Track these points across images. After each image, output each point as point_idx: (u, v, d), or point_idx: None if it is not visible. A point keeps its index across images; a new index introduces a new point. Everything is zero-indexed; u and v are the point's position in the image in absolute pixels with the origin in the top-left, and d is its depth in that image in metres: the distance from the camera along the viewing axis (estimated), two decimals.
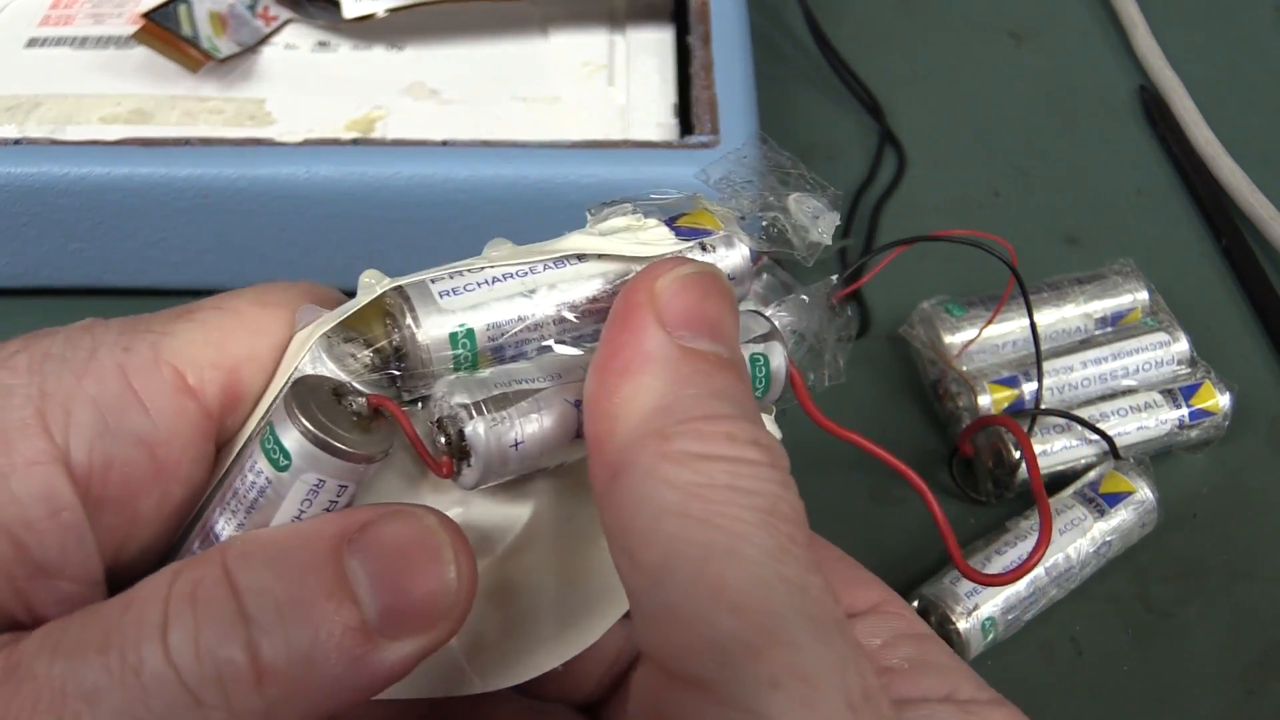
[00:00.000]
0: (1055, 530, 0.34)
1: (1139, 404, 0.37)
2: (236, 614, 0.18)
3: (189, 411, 0.20)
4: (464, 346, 0.21)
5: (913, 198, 0.46)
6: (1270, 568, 0.36)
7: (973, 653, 0.33)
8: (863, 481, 0.37)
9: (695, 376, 0.19)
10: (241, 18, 0.43)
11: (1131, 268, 0.40)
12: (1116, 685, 0.33)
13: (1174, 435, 0.37)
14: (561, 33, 0.44)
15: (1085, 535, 0.34)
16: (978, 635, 0.32)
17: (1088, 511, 0.35)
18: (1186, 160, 0.48)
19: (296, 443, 0.19)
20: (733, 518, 0.18)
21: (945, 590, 0.33)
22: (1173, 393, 0.38)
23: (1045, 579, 0.34)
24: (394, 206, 0.37)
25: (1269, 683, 0.33)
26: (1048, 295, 0.40)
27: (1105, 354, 0.39)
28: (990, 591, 0.33)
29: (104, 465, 0.19)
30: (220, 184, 0.37)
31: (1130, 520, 0.35)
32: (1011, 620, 0.33)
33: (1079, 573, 0.34)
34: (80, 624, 0.18)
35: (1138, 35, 0.52)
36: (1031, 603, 0.33)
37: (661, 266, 0.21)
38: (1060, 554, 0.34)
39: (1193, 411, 0.37)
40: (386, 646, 0.19)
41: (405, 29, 0.43)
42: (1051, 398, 0.38)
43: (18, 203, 0.37)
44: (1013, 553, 0.34)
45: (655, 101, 0.41)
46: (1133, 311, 0.40)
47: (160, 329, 0.20)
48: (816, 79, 0.50)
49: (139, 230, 0.38)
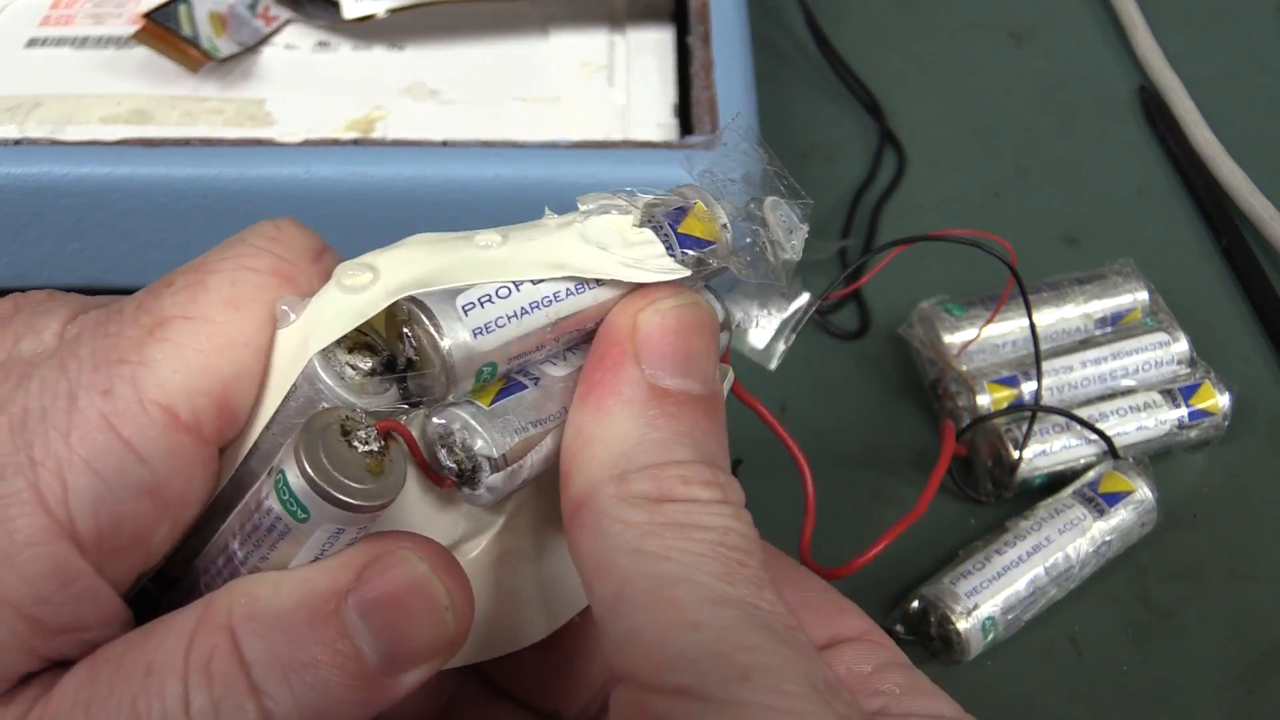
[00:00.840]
0: (1055, 529, 0.34)
1: (1138, 404, 0.37)
2: (248, 687, 0.19)
3: (186, 448, 0.20)
4: (485, 376, 0.21)
5: (913, 198, 0.46)
6: (1270, 568, 0.36)
7: (973, 652, 0.33)
8: (863, 481, 0.38)
9: (661, 419, 0.20)
10: (241, 18, 0.43)
11: (1131, 268, 0.40)
12: (1116, 685, 0.33)
13: (1173, 435, 0.37)
14: (561, 33, 0.44)
15: (1085, 535, 0.34)
16: (978, 635, 0.33)
17: (1087, 511, 0.35)
18: (1186, 160, 0.48)
19: (314, 502, 0.19)
20: (683, 550, 0.19)
21: (945, 590, 0.33)
22: (1172, 393, 0.38)
23: (1045, 578, 0.34)
24: (394, 206, 0.37)
25: (1269, 683, 0.33)
26: (1047, 295, 0.40)
27: (1105, 354, 0.39)
28: (990, 591, 0.33)
29: (112, 525, 0.19)
30: (220, 184, 0.37)
31: (1130, 520, 0.35)
32: (1011, 620, 0.33)
33: (1079, 572, 0.34)
34: (107, 688, 0.19)
35: (1138, 35, 0.52)
36: (1031, 602, 0.33)
37: (646, 296, 0.21)
38: (1060, 553, 0.34)
39: (1192, 412, 0.37)
40: (391, 683, 0.20)
41: (405, 29, 0.43)
42: (1051, 397, 0.38)
43: (18, 203, 0.37)
44: (1012, 552, 0.34)
45: (655, 101, 0.41)
46: (1132, 311, 0.40)
47: (135, 358, 0.20)
48: (816, 79, 0.50)
49: (139, 230, 0.38)
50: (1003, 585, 0.33)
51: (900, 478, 0.38)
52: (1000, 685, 0.33)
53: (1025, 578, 0.33)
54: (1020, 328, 0.39)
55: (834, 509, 0.37)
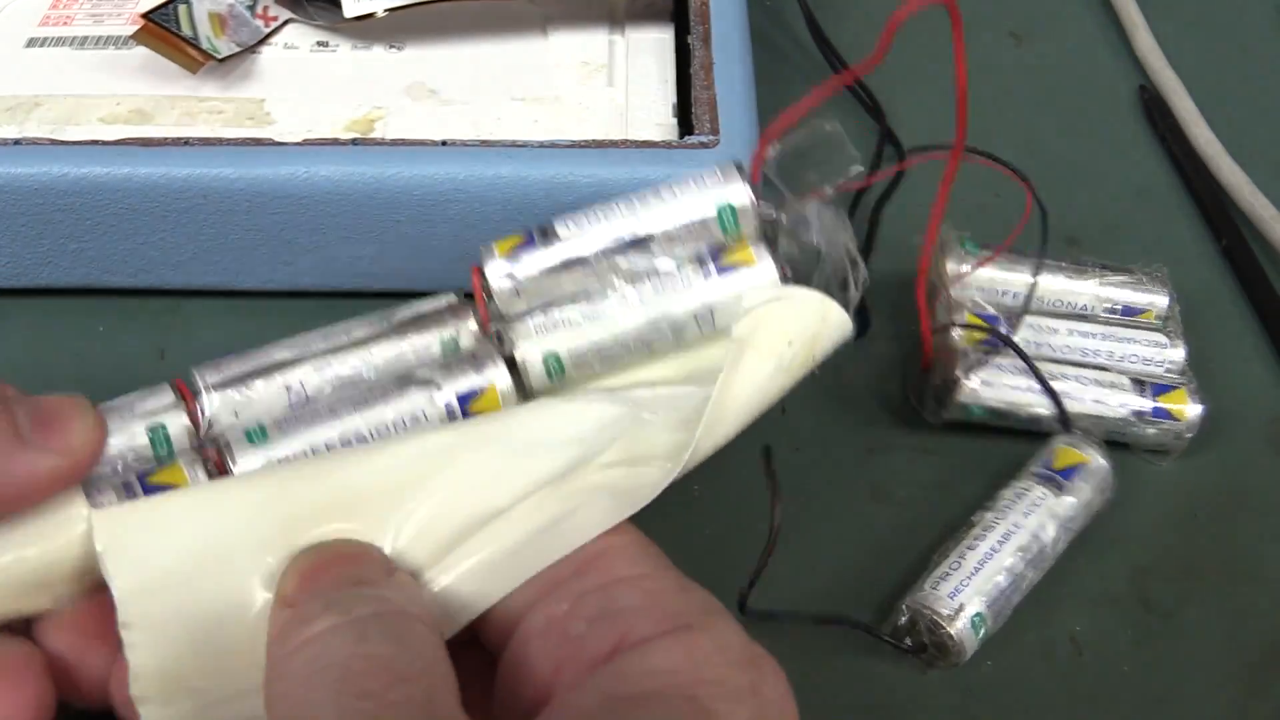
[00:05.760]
0: (1020, 514, 0.34)
1: (1104, 380, 0.37)
2: None
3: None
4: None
5: (913, 198, 0.46)
6: (1270, 568, 0.36)
7: (968, 652, 0.33)
8: (863, 480, 0.37)
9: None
10: (241, 18, 0.43)
11: (1162, 274, 0.40)
12: (1116, 685, 0.33)
13: (1128, 424, 0.37)
14: (561, 33, 0.44)
15: (1049, 513, 0.34)
16: (970, 634, 0.32)
17: (1046, 490, 0.35)
18: (1186, 160, 0.48)
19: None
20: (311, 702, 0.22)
21: (928, 597, 0.33)
22: (1144, 384, 0.37)
23: (1021, 564, 0.34)
24: (394, 206, 0.37)
25: (1269, 683, 0.33)
26: (1067, 267, 0.40)
27: (1097, 331, 0.38)
28: (972, 589, 0.33)
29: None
30: (220, 184, 0.37)
31: (1088, 490, 0.35)
32: (998, 612, 0.33)
33: (1051, 551, 0.34)
34: None
35: (1138, 35, 0.52)
36: (1014, 590, 0.33)
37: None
38: (1029, 536, 0.34)
39: (1156, 409, 0.37)
40: (34, 451, 0.25)
41: (405, 29, 0.43)
42: (1025, 348, 0.38)
43: (18, 203, 0.37)
44: (984, 545, 0.34)
45: (655, 101, 0.41)
46: (1146, 312, 0.40)
47: None
48: (816, 79, 0.50)
49: (139, 230, 0.38)
50: (982, 580, 0.33)
51: (902, 478, 0.38)
52: (1000, 685, 0.33)
53: (1002, 568, 0.33)
54: (1024, 282, 0.39)
55: (833, 508, 0.37)
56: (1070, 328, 0.38)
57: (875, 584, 0.35)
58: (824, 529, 0.36)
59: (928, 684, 0.33)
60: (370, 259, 0.39)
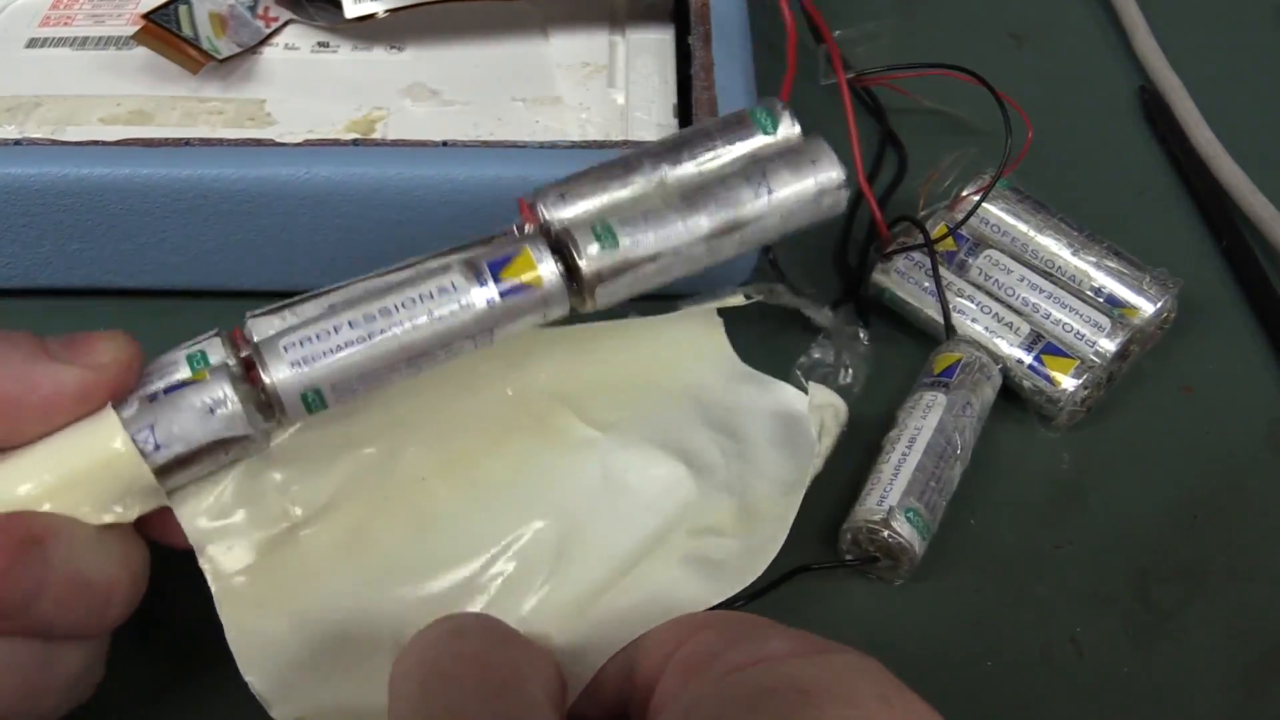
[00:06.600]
0: (918, 419, 0.36)
1: (1004, 317, 0.39)
2: None
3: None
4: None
5: (913, 198, 0.46)
6: (1270, 568, 0.36)
7: (918, 548, 0.33)
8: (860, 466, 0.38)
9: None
10: (241, 18, 0.43)
11: (1169, 282, 0.40)
12: (1116, 685, 0.33)
13: (1008, 369, 0.38)
14: (562, 33, 0.44)
15: (943, 408, 0.36)
16: (909, 529, 0.33)
17: (935, 393, 0.36)
18: (1186, 160, 0.48)
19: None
20: None
21: (859, 513, 0.34)
22: (1040, 339, 0.38)
23: (932, 460, 0.35)
24: (394, 207, 0.37)
25: (1269, 683, 0.33)
26: (1080, 236, 0.41)
27: (1050, 291, 0.39)
28: (895, 491, 0.34)
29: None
30: (220, 184, 0.37)
31: (969, 378, 0.37)
32: (931, 503, 0.34)
33: (961, 440, 0.35)
34: None
35: (1138, 35, 0.52)
36: (940, 486, 0.35)
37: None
38: (930, 432, 0.35)
39: (1035, 365, 0.38)
40: (59, 364, 0.26)
41: (405, 30, 0.43)
42: (968, 274, 0.40)
43: (18, 203, 0.37)
44: (894, 456, 0.35)
45: (655, 102, 0.41)
46: (1131, 309, 0.40)
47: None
48: (816, 79, 0.50)
49: (139, 230, 0.38)
50: (902, 480, 0.34)
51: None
52: (1000, 686, 0.33)
53: (915, 465, 0.34)
54: (1020, 230, 0.41)
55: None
56: (1027, 278, 0.40)
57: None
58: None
59: (927, 683, 0.33)
60: (372, 259, 0.39)
